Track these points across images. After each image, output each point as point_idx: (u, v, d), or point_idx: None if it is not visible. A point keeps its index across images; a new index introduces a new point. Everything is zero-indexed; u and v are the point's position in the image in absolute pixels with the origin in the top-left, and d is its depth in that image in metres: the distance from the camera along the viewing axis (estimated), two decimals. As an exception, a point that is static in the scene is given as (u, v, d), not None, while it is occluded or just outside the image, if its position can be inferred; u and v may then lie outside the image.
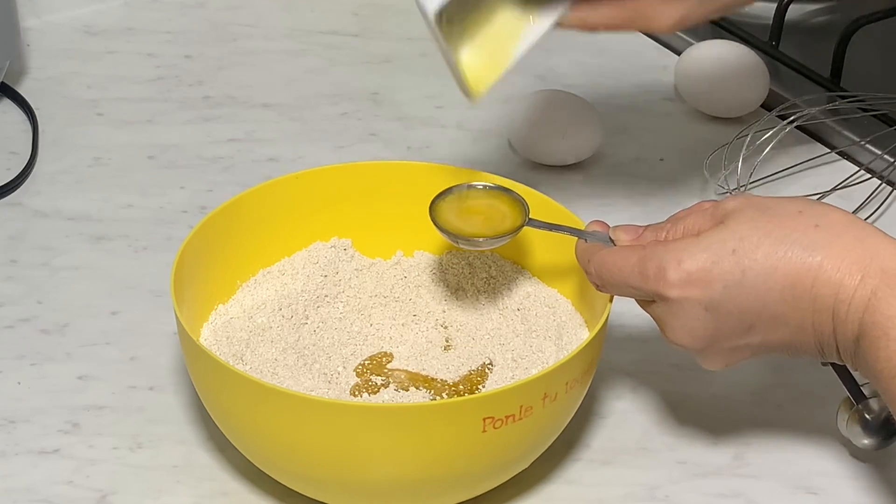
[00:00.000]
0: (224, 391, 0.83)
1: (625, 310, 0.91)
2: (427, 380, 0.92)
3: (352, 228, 0.98)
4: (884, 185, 1.13)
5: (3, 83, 1.22)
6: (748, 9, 1.29)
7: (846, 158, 1.17)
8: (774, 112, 1.18)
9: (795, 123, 1.15)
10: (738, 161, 1.12)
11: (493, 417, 0.80)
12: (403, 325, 0.96)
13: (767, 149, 1.12)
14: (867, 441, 0.89)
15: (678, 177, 1.16)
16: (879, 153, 1.15)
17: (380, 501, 0.85)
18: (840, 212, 0.80)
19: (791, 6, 1.28)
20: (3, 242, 1.08)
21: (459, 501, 0.86)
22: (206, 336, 0.92)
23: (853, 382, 0.88)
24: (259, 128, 1.21)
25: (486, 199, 0.90)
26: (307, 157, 1.18)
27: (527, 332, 0.93)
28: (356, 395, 0.90)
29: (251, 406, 0.82)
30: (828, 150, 1.18)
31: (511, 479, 0.87)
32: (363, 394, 0.90)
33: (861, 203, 1.11)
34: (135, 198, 1.13)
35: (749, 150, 1.13)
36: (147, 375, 0.96)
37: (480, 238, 0.88)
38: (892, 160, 1.14)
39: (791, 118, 1.15)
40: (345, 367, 0.92)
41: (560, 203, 0.93)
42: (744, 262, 0.79)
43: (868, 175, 1.14)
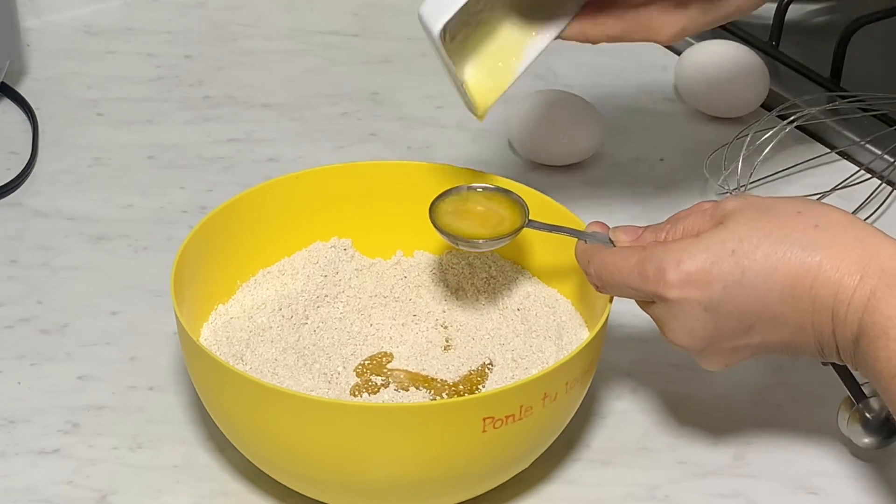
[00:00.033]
0: (224, 391, 0.83)
1: (625, 310, 0.91)
2: (427, 380, 0.92)
3: (352, 228, 0.98)
4: (884, 185, 1.13)
5: (3, 83, 1.22)
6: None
7: (846, 158, 1.17)
8: (774, 112, 1.18)
9: (795, 123, 1.15)
10: (738, 161, 1.12)
11: (493, 417, 0.80)
12: (403, 325, 0.96)
13: (767, 149, 1.12)
14: (868, 440, 0.89)
15: (678, 177, 1.16)
16: (879, 153, 1.15)
17: (380, 501, 0.85)
18: (839, 212, 0.80)
19: (791, 6, 1.28)
20: (3, 242, 1.08)
21: (459, 501, 0.86)
22: (206, 336, 0.92)
23: (853, 381, 0.88)
24: (259, 128, 1.21)
25: (486, 201, 0.90)
26: (307, 157, 1.18)
27: (527, 332, 0.93)
28: (356, 395, 0.90)
29: (251, 406, 0.82)
30: (828, 150, 1.18)
31: (511, 479, 0.87)
32: (363, 394, 0.90)
33: (861, 203, 1.11)
34: (135, 198, 1.13)
35: (749, 150, 1.13)
36: (147, 375, 0.96)
37: (480, 240, 0.88)
38: (892, 160, 1.14)
39: (791, 118, 1.15)
40: (345, 367, 0.92)
41: (560, 203, 0.93)
42: (743, 263, 0.79)
43: (868, 175, 1.14)
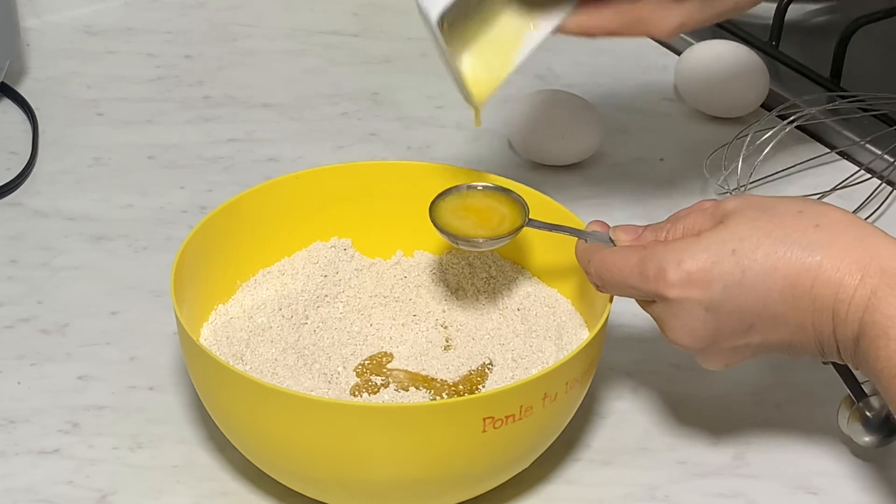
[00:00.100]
0: (224, 391, 0.83)
1: (625, 310, 0.91)
2: (427, 380, 0.92)
3: (352, 228, 0.98)
4: (884, 185, 1.13)
5: (3, 83, 1.22)
6: (748, 9, 1.29)
7: (846, 158, 1.17)
8: (774, 112, 1.18)
9: (795, 123, 1.15)
10: (738, 161, 1.12)
11: (493, 417, 0.80)
12: (403, 325, 0.96)
13: (767, 149, 1.12)
14: (868, 439, 0.89)
15: (678, 177, 1.16)
16: (879, 153, 1.15)
17: (380, 501, 0.85)
18: (840, 211, 0.80)
19: (791, 6, 1.28)
20: (3, 242, 1.08)
21: (459, 501, 0.86)
22: (206, 336, 0.92)
23: (853, 380, 0.88)
24: (259, 128, 1.21)
25: (486, 200, 0.90)
26: (307, 157, 1.17)
27: (527, 332, 0.93)
28: (356, 395, 0.90)
29: (251, 406, 0.82)
30: (828, 150, 1.17)
31: (511, 479, 0.87)
32: (363, 394, 0.90)
33: (861, 203, 1.11)
34: (135, 198, 1.13)
35: (749, 150, 1.13)
36: (147, 375, 0.96)
37: (480, 239, 0.88)
38: (892, 160, 1.14)
39: (791, 118, 1.15)
40: (345, 367, 0.92)
41: (560, 203, 0.93)
42: (744, 262, 0.79)
43: (868, 175, 1.14)
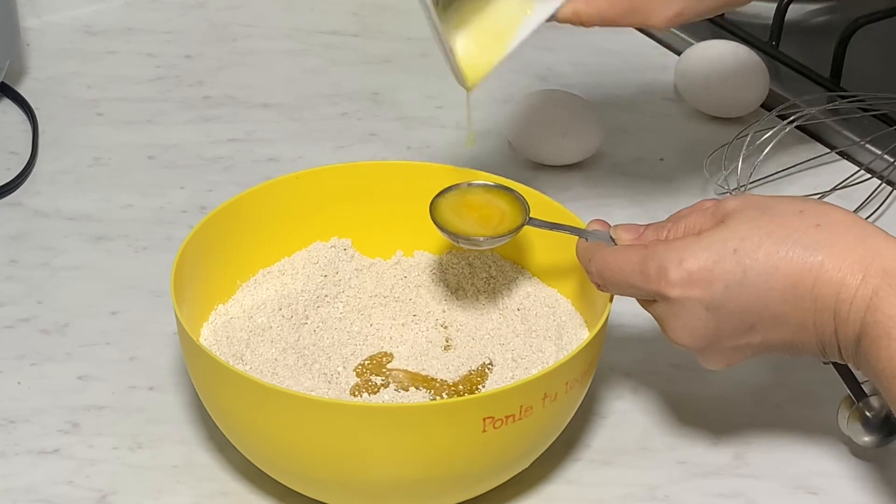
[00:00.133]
0: (224, 391, 0.83)
1: (625, 310, 0.91)
2: (427, 380, 0.92)
3: (352, 228, 0.98)
4: (884, 185, 1.13)
5: (3, 83, 1.22)
6: (748, 9, 1.29)
7: (846, 158, 1.17)
8: (774, 112, 1.18)
9: (795, 123, 1.15)
10: (738, 161, 1.12)
11: (493, 417, 0.80)
12: (403, 325, 0.96)
13: (767, 149, 1.12)
14: (868, 439, 0.89)
15: (678, 177, 1.16)
16: (879, 153, 1.15)
17: (380, 501, 0.85)
18: (841, 211, 0.80)
19: (791, 6, 1.28)
20: (3, 242, 1.08)
21: (459, 501, 0.86)
22: (206, 336, 0.92)
23: (854, 380, 0.88)
24: (259, 128, 1.21)
25: (487, 198, 0.90)
26: (307, 157, 1.17)
27: (527, 332, 0.93)
28: (356, 395, 0.90)
29: (251, 406, 0.82)
30: (828, 150, 1.17)
31: (511, 479, 0.87)
32: (363, 394, 0.90)
33: (861, 203, 1.11)
34: (135, 198, 1.13)
35: (749, 150, 1.13)
36: (147, 375, 0.96)
37: (481, 237, 0.88)
38: (892, 160, 1.14)
39: (791, 118, 1.15)
40: (345, 367, 0.92)
41: (560, 203, 0.93)
42: (745, 262, 0.79)
43: (868, 175, 1.14)
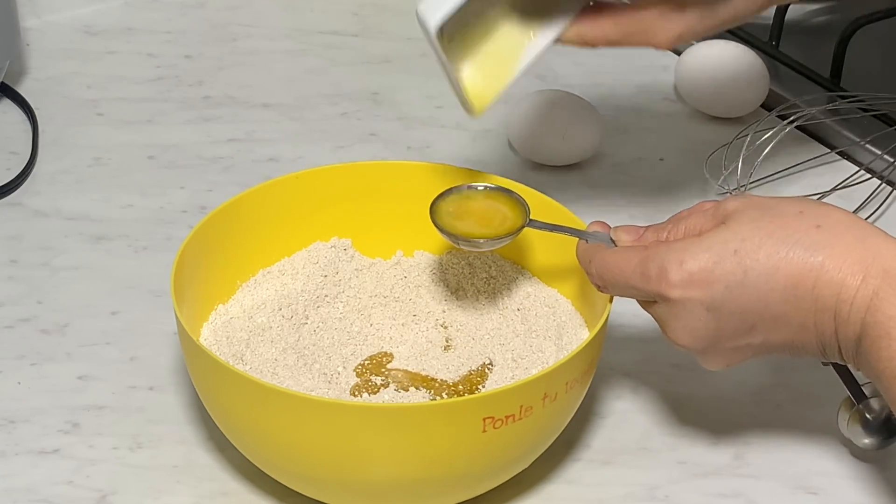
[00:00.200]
0: (224, 391, 0.83)
1: (625, 310, 0.91)
2: (427, 380, 0.92)
3: (352, 228, 0.98)
4: (884, 185, 1.13)
5: (3, 83, 1.22)
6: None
7: (846, 158, 1.17)
8: (774, 112, 1.18)
9: (795, 123, 1.15)
10: (738, 161, 1.12)
11: (493, 417, 0.80)
12: (403, 325, 0.96)
13: (767, 149, 1.12)
14: (868, 441, 0.89)
15: (678, 177, 1.16)
16: (879, 153, 1.15)
17: (380, 501, 0.85)
18: (842, 212, 0.80)
19: (791, 6, 1.28)
20: (3, 242, 1.08)
21: (459, 501, 0.86)
22: (206, 336, 0.92)
23: (854, 382, 0.88)
24: (259, 128, 1.21)
25: (487, 200, 0.90)
26: (307, 157, 1.17)
27: (527, 332, 0.93)
28: (356, 395, 0.90)
29: (251, 406, 0.82)
30: (828, 150, 1.17)
31: (511, 479, 0.87)
32: (363, 394, 0.90)
33: (861, 203, 1.11)
34: (135, 198, 1.13)
35: (749, 150, 1.13)
36: (147, 375, 0.96)
37: (481, 239, 0.88)
38: (892, 160, 1.14)
39: (791, 118, 1.15)
40: (345, 367, 0.92)
41: (560, 203, 0.93)
42: (746, 263, 0.79)
43: (868, 175, 1.14)
